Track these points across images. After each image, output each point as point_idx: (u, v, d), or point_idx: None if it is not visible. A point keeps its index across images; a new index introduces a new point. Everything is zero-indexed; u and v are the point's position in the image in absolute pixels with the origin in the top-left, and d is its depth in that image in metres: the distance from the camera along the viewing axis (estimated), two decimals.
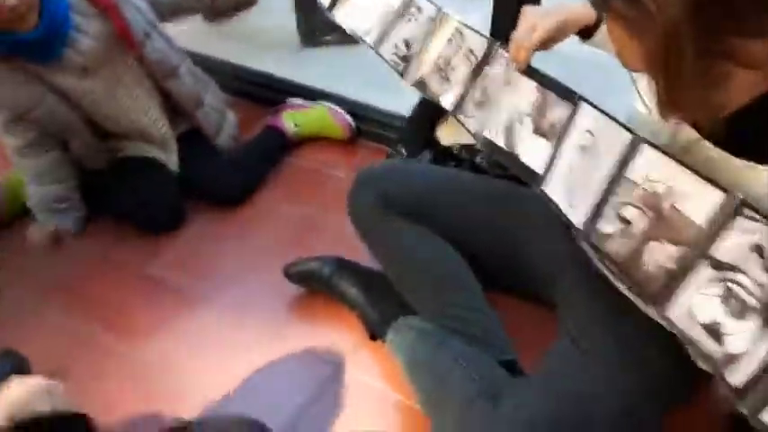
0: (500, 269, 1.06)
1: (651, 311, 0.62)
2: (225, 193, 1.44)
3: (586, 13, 0.83)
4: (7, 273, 1.33)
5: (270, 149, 1.55)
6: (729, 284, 0.55)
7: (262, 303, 1.23)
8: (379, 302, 1.11)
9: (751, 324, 0.54)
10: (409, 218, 1.04)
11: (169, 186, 1.40)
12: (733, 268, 0.55)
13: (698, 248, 0.57)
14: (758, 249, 0.53)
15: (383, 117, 1.57)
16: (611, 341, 0.85)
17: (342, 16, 1.09)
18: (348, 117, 1.57)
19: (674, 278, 0.60)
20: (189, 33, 1.99)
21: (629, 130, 0.66)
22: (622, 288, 0.82)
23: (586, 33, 0.85)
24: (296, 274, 1.20)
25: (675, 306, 0.60)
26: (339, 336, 1.15)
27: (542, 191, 0.78)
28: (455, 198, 1.06)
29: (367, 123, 1.59)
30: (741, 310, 0.55)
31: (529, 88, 0.82)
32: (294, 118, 1.57)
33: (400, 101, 1.45)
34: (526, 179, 0.81)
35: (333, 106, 1.58)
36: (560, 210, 0.75)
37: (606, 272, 0.85)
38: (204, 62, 1.60)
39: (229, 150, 1.50)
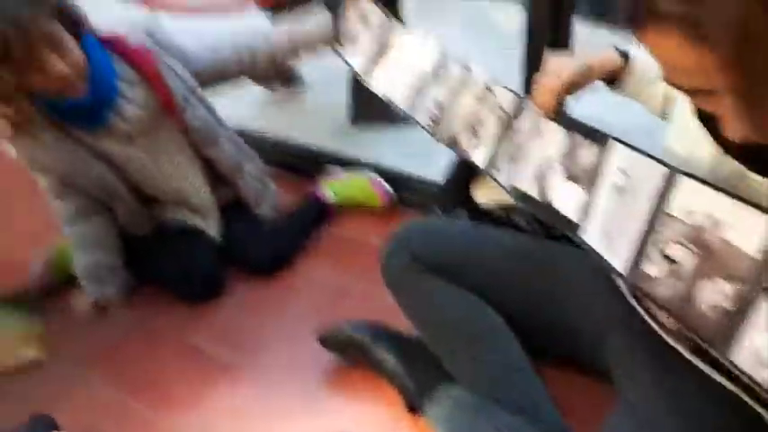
0: (539, 331, 0.99)
1: (707, 366, 0.55)
2: (264, 262, 1.45)
3: (612, 58, 0.82)
4: (52, 340, 1.34)
5: (309, 219, 1.56)
6: None
7: (300, 375, 1.19)
8: (417, 371, 1.05)
9: None
10: (442, 277, 1.01)
11: (208, 255, 1.42)
12: None
13: (754, 282, 0.51)
14: None
15: (423, 185, 1.57)
16: (672, 407, 0.75)
17: (375, 82, 1.13)
18: (388, 187, 1.58)
19: (733, 318, 0.53)
20: (240, 107, 2.11)
21: (663, 163, 0.63)
22: (672, 342, 0.74)
23: (611, 80, 0.84)
24: (331, 341, 1.16)
25: (739, 349, 0.53)
26: (377, 408, 1.09)
27: (581, 238, 0.74)
28: (487, 257, 1.02)
29: (407, 192, 1.59)
30: None
31: (557, 134, 0.80)
32: (333, 187, 1.60)
33: (439, 169, 1.45)
34: (562, 228, 0.77)
35: (373, 176, 1.60)
36: (600, 257, 0.70)
37: (654, 324, 0.77)
38: (249, 136, 1.65)
39: (271, 220, 1.52)
